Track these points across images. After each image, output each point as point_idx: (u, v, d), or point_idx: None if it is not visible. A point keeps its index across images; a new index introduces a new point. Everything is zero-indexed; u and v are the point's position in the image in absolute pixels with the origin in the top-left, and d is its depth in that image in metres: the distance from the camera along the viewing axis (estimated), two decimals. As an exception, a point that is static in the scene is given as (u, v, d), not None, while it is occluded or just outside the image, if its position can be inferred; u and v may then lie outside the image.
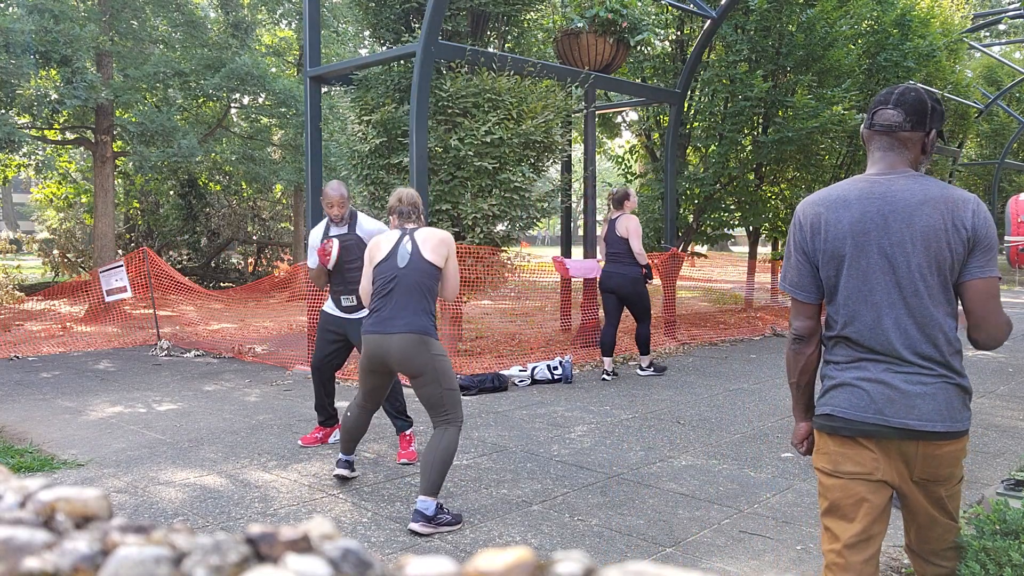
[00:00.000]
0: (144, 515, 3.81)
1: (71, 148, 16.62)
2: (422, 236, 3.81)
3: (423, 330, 3.66)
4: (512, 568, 0.40)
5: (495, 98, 7.49)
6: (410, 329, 3.64)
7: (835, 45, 10.60)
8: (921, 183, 1.99)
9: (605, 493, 4.13)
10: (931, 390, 1.95)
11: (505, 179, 7.56)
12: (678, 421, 5.72)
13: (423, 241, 3.78)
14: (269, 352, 8.91)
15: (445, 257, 3.80)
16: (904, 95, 2.02)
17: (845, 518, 2.05)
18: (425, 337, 3.67)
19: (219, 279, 18.33)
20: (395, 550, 3.41)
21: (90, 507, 0.46)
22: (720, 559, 3.29)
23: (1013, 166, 22.08)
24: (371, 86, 8.11)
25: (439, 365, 3.68)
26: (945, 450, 1.97)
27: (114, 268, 9.65)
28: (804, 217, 2.09)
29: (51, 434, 5.38)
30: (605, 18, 8.53)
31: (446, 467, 3.65)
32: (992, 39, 27.02)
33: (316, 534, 0.44)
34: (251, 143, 16.71)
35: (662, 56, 11.55)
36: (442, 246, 3.79)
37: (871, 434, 1.99)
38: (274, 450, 4.94)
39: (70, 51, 11.00)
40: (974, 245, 1.95)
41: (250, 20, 15.49)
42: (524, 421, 5.72)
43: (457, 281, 3.90)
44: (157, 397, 6.62)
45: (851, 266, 2.01)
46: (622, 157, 12.40)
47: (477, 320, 11.04)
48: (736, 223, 12.24)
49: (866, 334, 2.00)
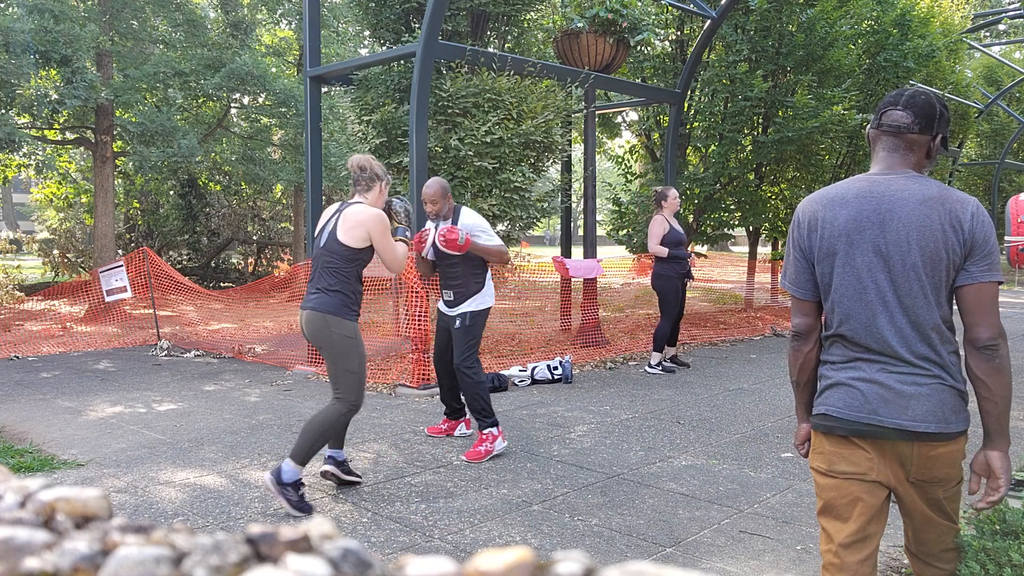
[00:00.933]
0: (144, 515, 3.81)
1: (71, 148, 16.62)
2: (345, 215, 3.87)
3: (326, 308, 3.80)
4: (512, 568, 0.40)
5: (495, 98, 7.49)
6: (315, 307, 3.83)
7: (835, 45, 10.60)
8: (920, 183, 1.99)
9: (605, 493, 4.13)
10: (925, 391, 1.94)
11: (505, 179, 7.56)
12: (678, 421, 5.72)
13: (343, 220, 3.85)
14: (269, 352, 8.91)
15: (363, 239, 3.83)
16: (914, 97, 2.02)
17: (840, 518, 2.05)
18: (327, 316, 3.80)
19: (219, 279, 18.34)
20: (395, 550, 3.41)
21: (90, 507, 0.46)
22: (720, 559, 3.29)
23: (1013, 166, 22.08)
24: (371, 86, 8.11)
25: (339, 344, 3.80)
26: (940, 451, 1.96)
27: (114, 268, 9.66)
28: (803, 215, 2.11)
29: (51, 434, 5.38)
30: (605, 18, 8.53)
31: (317, 437, 3.77)
32: (992, 39, 27.02)
33: (316, 534, 0.44)
34: (251, 143, 16.71)
35: (662, 56, 11.54)
36: (358, 228, 3.82)
37: (866, 434, 1.99)
38: (274, 450, 4.94)
39: (70, 51, 11.00)
40: (972, 247, 1.93)
41: (250, 20, 15.49)
42: (524, 421, 5.72)
43: (394, 257, 3.94)
44: (157, 397, 6.62)
45: (845, 264, 2.01)
46: (622, 157, 12.40)
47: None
48: (736, 223, 12.24)
49: (861, 332, 2.00)
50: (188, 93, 14.42)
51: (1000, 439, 1.95)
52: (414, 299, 6.63)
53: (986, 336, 1.92)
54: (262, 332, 10.76)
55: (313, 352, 8.10)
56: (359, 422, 5.65)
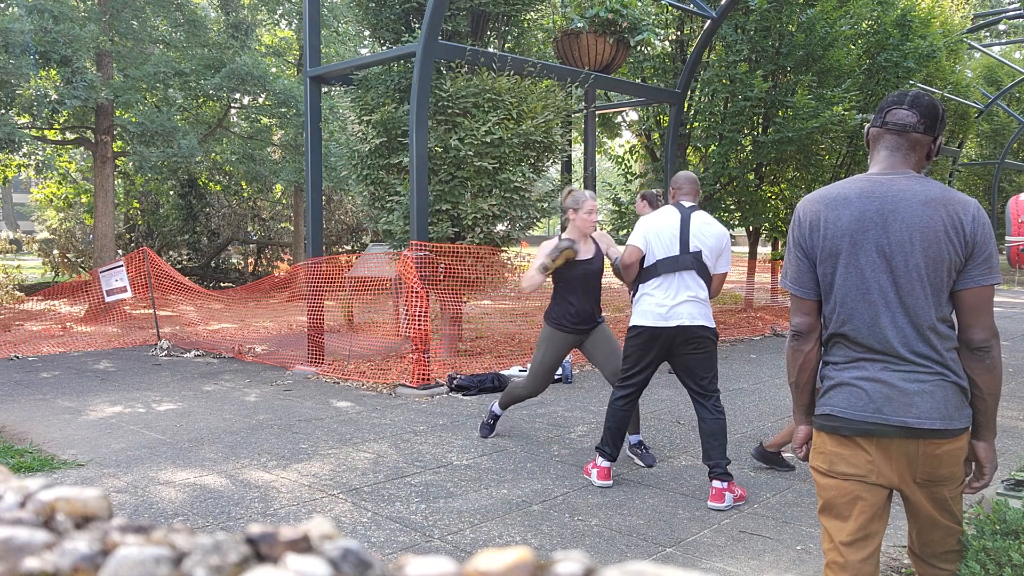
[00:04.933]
0: (144, 515, 3.81)
1: (71, 148, 16.62)
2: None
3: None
4: (512, 568, 0.40)
5: (495, 98, 7.49)
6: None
7: (835, 45, 10.60)
8: (923, 184, 1.99)
9: (605, 493, 4.13)
10: (928, 388, 1.95)
11: (505, 179, 7.56)
12: (678, 421, 5.72)
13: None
14: (269, 352, 8.91)
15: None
16: (919, 98, 2.04)
17: (840, 517, 2.05)
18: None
19: (219, 279, 18.34)
20: (395, 550, 3.41)
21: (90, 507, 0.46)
22: (720, 559, 3.29)
23: (1013, 166, 22.08)
24: (371, 86, 8.11)
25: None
26: (945, 449, 1.97)
27: (114, 268, 9.66)
28: (804, 214, 2.10)
29: (51, 434, 5.38)
30: (605, 18, 8.53)
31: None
32: (992, 39, 27.02)
33: (316, 534, 0.44)
34: (251, 143, 16.71)
35: (662, 56, 11.55)
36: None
37: (870, 433, 1.99)
38: (274, 450, 4.94)
39: (70, 51, 11.00)
40: (972, 250, 1.95)
41: (250, 20, 15.49)
42: (524, 421, 5.72)
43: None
44: (157, 397, 6.62)
45: (848, 264, 2.02)
46: (622, 157, 12.40)
47: (477, 320, 11.04)
48: (736, 223, 12.24)
49: (864, 332, 2.00)
50: (188, 93, 14.42)
51: (987, 432, 2.05)
52: (414, 299, 6.63)
53: (980, 338, 1.97)
54: (262, 332, 10.76)
55: (313, 352, 8.11)
56: (359, 422, 5.65)
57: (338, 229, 19.26)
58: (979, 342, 1.96)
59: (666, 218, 4.04)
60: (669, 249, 3.99)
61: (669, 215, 4.05)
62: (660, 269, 4.01)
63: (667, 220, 4.04)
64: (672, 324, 3.95)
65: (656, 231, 4.04)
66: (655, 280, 4.03)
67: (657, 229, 4.04)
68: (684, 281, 3.99)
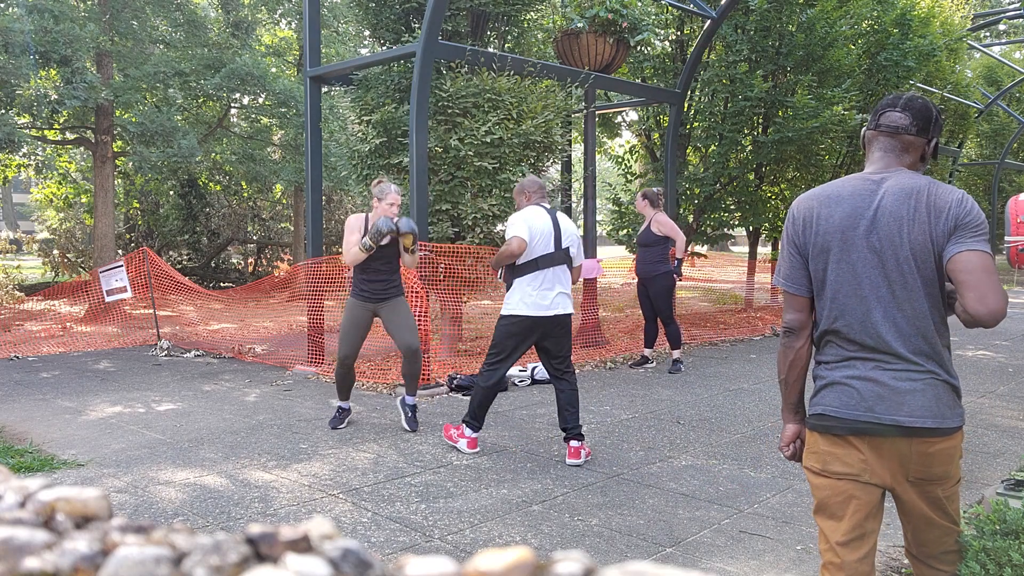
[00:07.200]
0: (144, 515, 3.81)
1: (71, 148, 16.62)
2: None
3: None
4: (512, 568, 0.40)
5: (495, 98, 7.49)
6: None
7: (835, 45, 10.60)
8: (912, 178, 2.02)
9: (605, 493, 4.13)
10: (920, 386, 1.96)
11: (505, 179, 7.56)
12: (678, 421, 5.72)
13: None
14: (269, 352, 8.91)
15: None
16: (912, 100, 2.06)
17: (834, 516, 2.06)
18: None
19: (219, 279, 18.34)
20: (395, 550, 3.41)
21: (90, 507, 0.46)
22: (720, 559, 3.29)
23: (1013, 166, 22.09)
24: (371, 86, 8.11)
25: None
26: (937, 447, 1.97)
27: (114, 268, 9.66)
28: (798, 212, 2.13)
29: (51, 434, 5.38)
30: (605, 18, 8.53)
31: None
32: (992, 39, 27.02)
33: (316, 534, 0.44)
34: (251, 143, 16.71)
35: (662, 56, 11.54)
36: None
37: (863, 431, 1.99)
38: (274, 450, 4.94)
39: (70, 51, 11.00)
40: (955, 225, 1.92)
41: (250, 20, 15.49)
42: (524, 421, 5.72)
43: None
44: (157, 397, 6.62)
45: (840, 260, 2.03)
46: (622, 157, 12.40)
47: (477, 320, 11.05)
48: (736, 223, 12.24)
49: (856, 328, 2.01)
50: (188, 93, 14.42)
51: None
52: (414, 299, 6.63)
53: (975, 310, 1.88)
54: (262, 332, 10.76)
55: (313, 352, 8.11)
56: (359, 422, 5.65)
57: (338, 229, 19.27)
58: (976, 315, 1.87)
59: (542, 217, 4.57)
60: (547, 246, 4.54)
61: (542, 215, 4.58)
62: (541, 264, 4.55)
63: (543, 219, 4.57)
64: (551, 313, 4.56)
65: (539, 228, 4.54)
66: (536, 273, 4.56)
67: (540, 227, 4.54)
68: (558, 275, 4.60)
